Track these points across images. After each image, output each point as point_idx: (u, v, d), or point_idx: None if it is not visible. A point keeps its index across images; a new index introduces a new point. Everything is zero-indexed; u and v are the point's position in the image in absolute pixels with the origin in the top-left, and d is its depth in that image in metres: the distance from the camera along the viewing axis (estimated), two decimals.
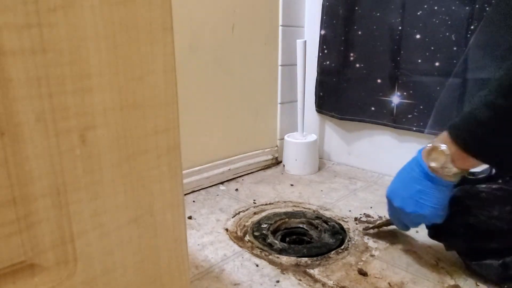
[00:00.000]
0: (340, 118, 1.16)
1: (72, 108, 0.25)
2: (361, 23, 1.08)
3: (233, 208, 0.91)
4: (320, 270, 0.66)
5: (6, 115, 0.22)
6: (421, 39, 0.97)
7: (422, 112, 1.00)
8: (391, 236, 0.78)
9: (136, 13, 0.27)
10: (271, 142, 1.24)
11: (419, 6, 0.95)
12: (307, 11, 1.21)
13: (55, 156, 0.25)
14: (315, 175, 1.15)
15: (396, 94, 1.05)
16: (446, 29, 0.92)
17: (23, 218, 0.24)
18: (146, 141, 0.29)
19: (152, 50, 0.28)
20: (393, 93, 1.05)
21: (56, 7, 0.23)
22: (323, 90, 1.20)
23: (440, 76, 0.95)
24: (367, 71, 1.09)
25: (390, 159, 1.12)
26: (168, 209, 0.32)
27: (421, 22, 0.96)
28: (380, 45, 1.05)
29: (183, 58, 0.94)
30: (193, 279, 0.64)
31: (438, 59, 0.95)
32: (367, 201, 0.95)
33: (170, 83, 0.30)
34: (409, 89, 1.02)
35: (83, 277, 0.28)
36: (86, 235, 0.27)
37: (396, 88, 1.04)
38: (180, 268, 0.34)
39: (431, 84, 0.97)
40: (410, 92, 1.02)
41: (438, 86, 0.96)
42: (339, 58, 1.12)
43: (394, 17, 1.00)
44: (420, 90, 0.99)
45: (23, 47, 0.22)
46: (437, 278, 0.64)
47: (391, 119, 1.07)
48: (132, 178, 0.29)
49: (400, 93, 1.04)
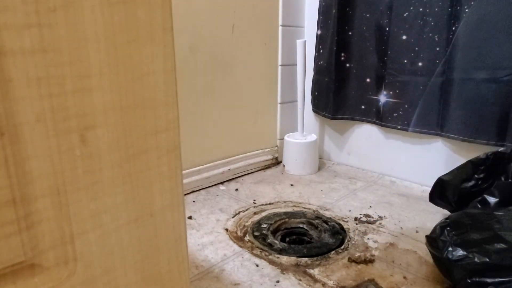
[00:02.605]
0: (332, 117, 1.17)
1: (72, 108, 0.25)
2: (352, 23, 1.09)
3: (233, 208, 0.91)
4: (320, 270, 0.66)
5: (6, 115, 0.22)
6: (407, 40, 0.99)
7: (407, 110, 1.02)
8: (391, 236, 0.78)
9: (136, 13, 0.26)
10: (271, 142, 1.24)
11: (406, 7, 0.97)
12: (307, 11, 1.21)
13: (55, 156, 0.25)
14: (315, 175, 1.15)
15: (383, 93, 1.06)
16: (430, 30, 0.94)
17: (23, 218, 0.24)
18: (146, 141, 0.29)
19: (152, 50, 0.28)
20: (381, 92, 1.07)
21: (56, 7, 0.23)
22: (318, 89, 1.21)
23: (423, 76, 0.97)
24: (357, 71, 1.11)
25: (390, 159, 1.12)
26: (168, 209, 0.32)
27: (407, 23, 0.98)
28: (370, 46, 1.07)
29: (183, 58, 0.94)
30: (193, 279, 0.64)
31: (421, 59, 0.97)
32: (367, 201, 0.95)
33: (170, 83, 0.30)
34: (395, 89, 1.04)
35: (83, 277, 0.28)
36: (86, 235, 0.27)
37: (383, 87, 1.06)
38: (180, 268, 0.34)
39: (415, 83, 0.99)
40: (396, 92, 1.03)
41: (422, 86, 0.98)
42: (331, 58, 1.13)
43: (383, 18, 1.02)
44: (405, 90, 1.01)
45: (23, 47, 0.22)
46: (437, 278, 0.64)
47: (379, 117, 1.09)
48: (132, 178, 0.29)
49: (386, 92, 1.05)
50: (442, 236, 0.61)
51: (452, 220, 0.63)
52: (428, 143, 1.02)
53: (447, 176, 0.79)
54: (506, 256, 0.53)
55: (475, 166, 0.76)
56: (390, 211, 0.90)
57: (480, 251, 0.55)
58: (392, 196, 0.99)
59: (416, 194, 1.00)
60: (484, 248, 0.55)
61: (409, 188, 1.05)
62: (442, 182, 0.80)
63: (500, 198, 0.66)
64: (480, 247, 0.56)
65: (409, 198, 0.98)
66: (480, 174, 0.76)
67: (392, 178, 1.11)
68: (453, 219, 0.63)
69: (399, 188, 1.05)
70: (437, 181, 0.81)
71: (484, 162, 0.76)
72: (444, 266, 0.60)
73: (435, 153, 1.01)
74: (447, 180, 0.79)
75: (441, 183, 0.80)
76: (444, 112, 0.95)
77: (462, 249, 0.57)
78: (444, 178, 0.80)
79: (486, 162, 0.76)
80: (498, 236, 0.55)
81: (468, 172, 0.77)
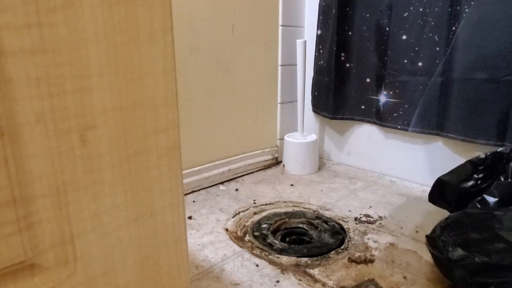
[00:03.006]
0: (332, 117, 1.17)
1: (72, 108, 0.25)
2: (352, 23, 1.09)
3: (233, 208, 0.91)
4: (320, 270, 0.66)
5: (6, 115, 0.22)
6: (406, 40, 0.99)
7: (407, 110, 1.02)
8: (391, 236, 0.78)
9: (136, 13, 0.26)
10: (271, 142, 1.24)
11: (406, 7, 0.97)
12: (307, 11, 1.21)
13: (55, 156, 0.25)
14: (315, 175, 1.15)
15: (383, 93, 1.06)
16: (430, 30, 0.94)
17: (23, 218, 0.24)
18: (146, 141, 0.29)
19: (152, 50, 0.28)
20: (381, 92, 1.07)
21: (56, 7, 0.23)
22: (318, 89, 1.21)
23: (423, 76, 0.97)
24: (357, 71, 1.11)
25: (391, 159, 1.12)
26: (168, 209, 0.32)
27: (407, 23, 0.98)
28: (369, 45, 1.07)
29: (183, 58, 0.94)
30: (193, 279, 0.64)
31: (421, 59, 0.97)
32: (367, 201, 0.95)
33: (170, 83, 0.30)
34: (395, 89, 1.04)
35: (83, 277, 0.28)
36: (86, 235, 0.27)
37: (383, 87, 1.06)
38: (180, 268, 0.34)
39: (415, 83, 0.99)
40: (396, 92, 1.04)
41: (422, 86, 0.98)
42: (331, 58, 1.13)
43: (382, 18, 1.02)
44: (405, 90, 1.01)
45: (23, 47, 0.22)
46: (437, 278, 0.64)
47: (378, 117, 1.09)
48: (132, 178, 0.29)
49: (386, 92, 1.06)
50: (442, 236, 0.61)
51: (452, 220, 0.63)
52: (428, 143, 1.02)
53: (446, 176, 0.79)
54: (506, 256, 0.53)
55: (474, 166, 0.76)
56: (390, 211, 0.90)
57: (480, 251, 0.55)
58: (392, 196, 0.99)
59: (416, 194, 1.00)
60: (484, 248, 0.55)
61: (409, 188, 1.05)
62: (441, 182, 0.79)
63: (500, 198, 0.66)
64: (480, 247, 0.56)
65: (409, 198, 0.98)
66: (479, 174, 0.75)
67: (392, 178, 1.11)
68: (453, 219, 0.63)
69: (399, 188, 1.05)
70: (436, 181, 0.81)
71: (483, 162, 0.76)
72: (444, 266, 0.60)
73: (435, 153, 1.01)
74: (446, 180, 0.79)
75: (441, 183, 0.80)
76: (444, 112, 0.95)
77: (462, 249, 0.57)
78: (443, 178, 0.79)
79: (485, 162, 0.76)
80: (498, 235, 0.55)
81: (468, 172, 0.76)
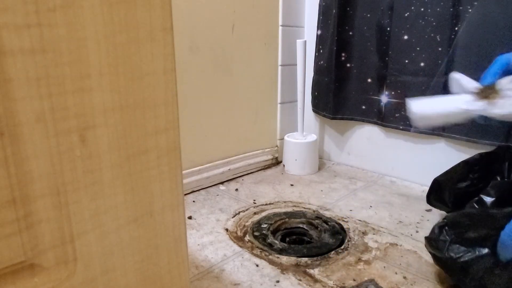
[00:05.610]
0: (332, 117, 1.17)
1: (72, 108, 0.25)
2: (353, 23, 1.09)
3: (233, 208, 0.91)
4: (320, 270, 0.66)
5: (6, 115, 0.22)
6: (408, 40, 0.98)
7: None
8: (391, 236, 0.78)
9: (136, 13, 0.26)
10: (271, 142, 1.24)
11: (407, 7, 0.97)
12: (307, 11, 1.21)
13: (55, 156, 0.25)
14: (315, 175, 1.15)
15: (384, 94, 1.06)
16: (432, 30, 0.94)
17: (23, 218, 0.24)
18: (146, 141, 0.29)
19: (152, 50, 0.28)
20: (382, 93, 1.07)
21: (56, 7, 0.23)
22: (318, 89, 1.21)
23: (425, 76, 0.97)
24: (358, 71, 1.11)
25: (391, 159, 1.12)
26: (168, 209, 0.32)
27: (408, 23, 0.97)
28: (370, 45, 1.07)
29: (183, 58, 0.94)
30: (193, 279, 0.64)
31: (423, 59, 0.97)
32: (367, 201, 0.95)
33: (170, 83, 0.30)
34: (396, 89, 1.03)
35: (83, 277, 0.28)
36: (86, 235, 0.27)
37: (384, 87, 1.06)
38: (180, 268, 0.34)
39: (417, 84, 0.99)
40: (397, 92, 1.03)
41: (424, 86, 0.97)
42: (331, 58, 1.13)
43: (383, 18, 1.02)
44: (407, 90, 1.01)
45: (23, 47, 0.22)
46: (437, 278, 0.64)
47: (380, 117, 1.09)
48: (132, 178, 0.29)
49: (388, 93, 1.05)
50: (441, 236, 0.61)
51: (450, 220, 0.63)
52: (431, 143, 1.02)
53: (442, 176, 0.79)
54: None
55: (469, 166, 0.76)
56: (390, 211, 0.90)
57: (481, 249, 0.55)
58: (392, 196, 0.99)
59: (416, 194, 1.00)
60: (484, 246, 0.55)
61: (409, 188, 1.05)
62: (438, 183, 0.79)
63: (497, 198, 0.66)
64: (480, 245, 0.56)
65: (409, 198, 0.98)
66: (475, 174, 0.75)
67: (392, 178, 1.11)
68: (451, 219, 0.63)
69: (399, 188, 1.05)
70: (433, 182, 0.80)
71: (478, 162, 0.76)
72: (446, 266, 0.60)
73: (438, 154, 1.01)
74: (442, 180, 0.79)
75: (437, 184, 0.80)
76: None
77: (463, 247, 0.57)
78: (439, 179, 0.79)
79: (481, 162, 0.76)
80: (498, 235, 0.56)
81: (463, 173, 0.76)
